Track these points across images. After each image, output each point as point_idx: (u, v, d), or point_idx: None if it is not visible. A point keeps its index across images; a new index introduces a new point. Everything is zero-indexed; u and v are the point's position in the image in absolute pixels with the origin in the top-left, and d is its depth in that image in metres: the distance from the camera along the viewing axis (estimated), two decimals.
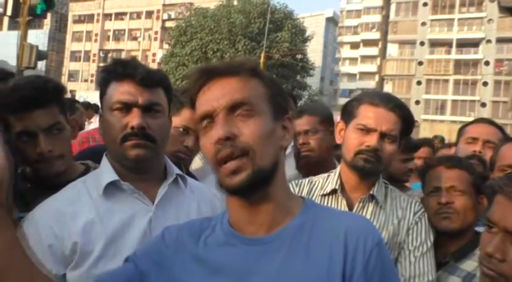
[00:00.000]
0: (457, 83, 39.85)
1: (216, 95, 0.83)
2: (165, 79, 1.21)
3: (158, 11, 46.73)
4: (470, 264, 1.42)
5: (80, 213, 1.10)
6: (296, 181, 1.59)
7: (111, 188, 1.14)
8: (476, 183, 1.51)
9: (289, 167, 2.69)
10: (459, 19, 40.16)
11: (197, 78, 0.86)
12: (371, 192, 1.43)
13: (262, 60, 20.42)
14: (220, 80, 0.84)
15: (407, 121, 1.41)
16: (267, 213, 0.85)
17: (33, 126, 1.26)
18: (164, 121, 1.19)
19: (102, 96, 1.18)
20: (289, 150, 2.80)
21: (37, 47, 9.28)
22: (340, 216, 0.95)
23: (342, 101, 41.00)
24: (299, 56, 30.16)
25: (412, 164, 2.39)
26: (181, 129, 1.69)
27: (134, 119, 1.11)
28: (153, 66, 31.60)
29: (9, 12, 9.05)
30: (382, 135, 1.37)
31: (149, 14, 47.46)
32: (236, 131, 0.81)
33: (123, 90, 1.13)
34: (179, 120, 1.65)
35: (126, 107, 1.13)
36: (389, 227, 1.41)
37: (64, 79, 45.58)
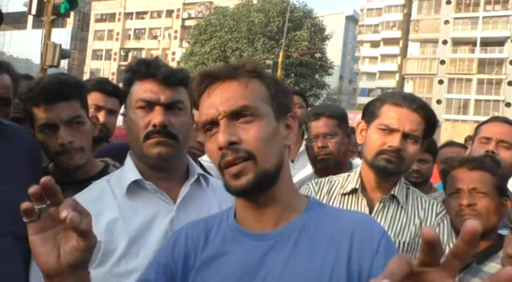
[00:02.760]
0: (480, 82, 38.96)
1: (217, 101, 0.84)
2: (188, 78, 1.22)
3: (178, 9, 47.12)
4: (493, 267, 1.40)
5: (103, 212, 1.11)
6: (315, 180, 1.59)
7: (134, 187, 1.15)
8: (499, 184, 1.48)
9: (303, 165, 2.68)
10: (484, 17, 39.20)
11: (199, 82, 0.88)
12: (392, 193, 1.42)
13: (280, 59, 20.37)
14: (221, 85, 0.85)
15: (430, 122, 1.39)
16: (273, 212, 0.87)
17: (55, 118, 1.31)
18: (186, 119, 1.20)
19: (125, 96, 1.20)
20: (302, 148, 2.79)
21: (60, 45, 9.40)
22: (344, 213, 1.05)
23: (361, 100, 40.66)
24: (318, 55, 29.99)
25: (426, 167, 2.30)
26: (194, 125, 1.70)
27: (156, 117, 1.12)
28: (173, 64, 31.79)
29: (33, 11, 9.21)
30: (405, 136, 1.35)
31: (169, 13, 47.90)
32: (239, 137, 0.82)
33: (145, 88, 1.15)
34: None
35: (149, 105, 1.14)
36: (411, 228, 1.40)
37: (86, 77, 46.18)
